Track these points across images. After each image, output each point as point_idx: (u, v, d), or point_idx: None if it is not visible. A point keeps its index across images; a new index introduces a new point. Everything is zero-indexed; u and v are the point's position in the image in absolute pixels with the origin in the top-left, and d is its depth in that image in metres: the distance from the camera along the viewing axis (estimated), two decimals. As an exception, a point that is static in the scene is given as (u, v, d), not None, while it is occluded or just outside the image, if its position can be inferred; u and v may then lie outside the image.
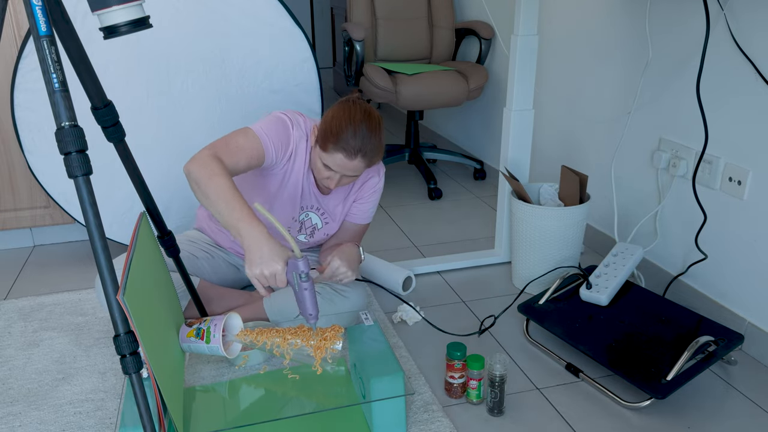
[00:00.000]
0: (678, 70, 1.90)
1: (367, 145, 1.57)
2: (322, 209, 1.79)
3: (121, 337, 1.07)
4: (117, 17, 1.08)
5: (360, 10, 3.07)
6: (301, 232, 1.81)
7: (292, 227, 1.80)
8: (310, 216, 1.78)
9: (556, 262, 1.98)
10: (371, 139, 1.57)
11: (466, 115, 3.40)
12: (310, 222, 1.79)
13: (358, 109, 1.58)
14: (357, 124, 1.55)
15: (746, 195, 1.71)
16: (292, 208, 1.76)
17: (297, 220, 1.78)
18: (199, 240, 1.91)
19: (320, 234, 1.83)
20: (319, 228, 1.81)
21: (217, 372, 1.65)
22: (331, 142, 1.56)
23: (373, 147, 1.58)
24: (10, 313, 1.98)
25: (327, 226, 1.82)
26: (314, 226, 1.80)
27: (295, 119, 1.69)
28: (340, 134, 1.55)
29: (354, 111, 1.58)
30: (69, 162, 1.03)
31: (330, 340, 1.46)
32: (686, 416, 1.51)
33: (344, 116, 1.56)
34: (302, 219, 1.78)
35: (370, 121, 1.58)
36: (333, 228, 1.83)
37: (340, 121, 1.56)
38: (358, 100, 1.62)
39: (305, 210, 1.78)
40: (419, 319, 1.89)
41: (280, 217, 1.77)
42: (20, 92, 2.05)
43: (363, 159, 1.58)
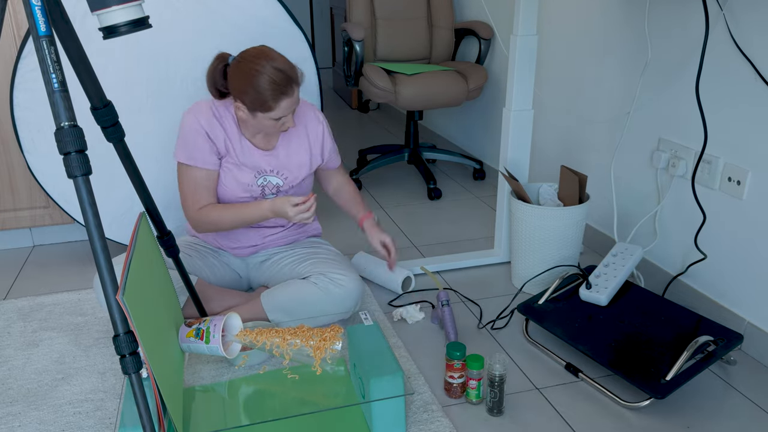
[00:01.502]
0: (677, 71, 1.90)
1: (288, 71, 1.62)
2: (274, 167, 1.81)
3: (120, 337, 1.07)
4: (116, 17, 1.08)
5: (359, 10, 3.07)
6: (267, 194, 1.84)
7: (255, 194, 1.82)
8: (268, 179, 1.81)
9: (555, 262, 1.98)
10: (286, 67, 1.62)
11: (465, 115, 3.40)
12: (271, 184, 1.82)
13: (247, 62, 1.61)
14: (265, 69, 1.59)
15: (745, 195, 1.71)
16: (246, 180, 1.79)
17: (257, 185, 1.81)
18: (194, 243, 1.91)
19: (286, 189, 1.85)
20: (282, 185, 1.83)
21: (217, 372, 1.65)
22: (271, 102, 1.61)
23: (291, 67, 1.63)
24: (9, 313, 1.98)
25: (287, 180, 1.84)
26: (276, 186, 1.83)
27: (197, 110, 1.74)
28: (267, 86, 1.59)
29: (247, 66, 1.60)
30: (68, 162, 1.03)
31: (330, 340, 1.46)
32: (686, 416, 1.51)
33: (251, 75, 1.60)
34: (261, 183, 1.81)
35: (265, 55, 1.61)
36: (296, 178, 1.85)
37: (255, 80, 1.60)
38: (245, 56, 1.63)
39: (261, 175, 1.80)
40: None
41: (239, 191, 1.80)
42: (20, 92, 2.05)
43: (297, 86, 1.65)
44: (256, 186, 1.80)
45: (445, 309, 1.81)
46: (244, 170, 1.78)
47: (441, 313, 1.82)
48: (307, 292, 1.75)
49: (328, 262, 1.81)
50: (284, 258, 1.90)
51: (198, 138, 1.73)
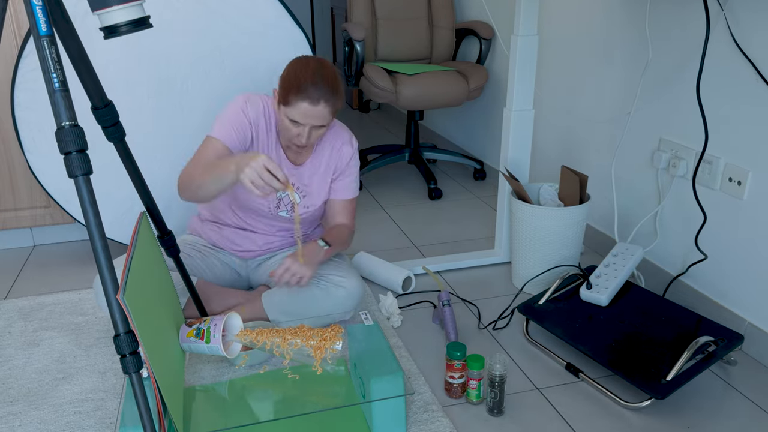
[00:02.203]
0: (678, 71, 1.90)
1: (327, 88, 1.60)
2: (297, 183, 1.80)
3: (121, 337, 1.07)
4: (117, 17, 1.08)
5: (360, 10, 3.07)
6: (281, 208, 1.83)
7: (271, 202, 1.81)
8: (287, 192, 1.79)
9: (556, 262, 1.98)
10: (329, 83, 1.60)
11: (466, 115, 3.40)
12: (288, 198, 1.81)
13: (311, 60, 1.63)
14: (313, 71, 1.59)
15: (746, 195, 1.71)
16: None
17: (275, 200, 1.81)
18: (194, 242, 1.91)
19: (301, 208, 1.84)
20: (298, 202, 1.82)
21: (217, 372, 1.65)
22: (292, 94, 1.59)
23: (332, 90, 1.61)
24: (10, 312, 1.98)
25: (305, 198, 1.83)
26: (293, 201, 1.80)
27: (252, 100, 1.73)
28: (300, 83, 1.59)
29: (307, 62, 1.62)
30: (69, 162, 1.03)
31: (330, 340, 1.46)
32: (686, 416, 1.51)
33: (300, 68, 1.61)
34: (280, 195, 1.80)
35: (324, 68, 1.62)
36: (313, 200, 1.84)
37: (297, 72, 1.60)
38: (309, 56, 1.66)
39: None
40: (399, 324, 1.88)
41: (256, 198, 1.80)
42: (20, 92, 2.06)
43: (326, 104, 1.60)
44: (274, 195, 1.80)
45: (445, 309, 1.81)
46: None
47: (441, 313, 1.82)
48: (307, 293, 1.75)
49: (329, 264, 1.81)
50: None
51: (238, 117, 1.70)
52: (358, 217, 2.71)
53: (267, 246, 1.91)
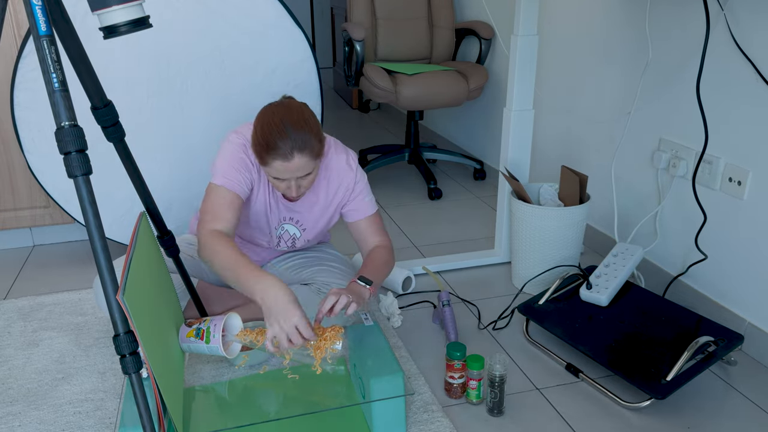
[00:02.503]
0: (678, 71, 1.90)
1: (297, 139, 1.47)
2: (296, 218, 1.76)
3: (120, 337, 1.07)
4: (117, 17, 1.07)
5: (360, 10, 3.07)
6: (280, 245, 1.81)
7: (271, 241, 1.79)
8: (286, 228, 1.76)
9: (556, 262, 1.98)
10: (298, 130, 1.48)
11: (466, 115, 3.40)
12: (288, 233, 1.77)
13: (274, 109, 1.52)
14: (277, 124, 1.48)
15: (746, 195, 1.71)
16: (267, 225, 1.75)
17: (274, 236, 1.78)
18: (194, 242, 1.91)
19: (301, 242, 1.81)
20: (298, 237, 1.79)
21: (217, 372, 1.65)
22: (264, 154, 1.49)
23: (304, 138, 1.48)
24: (9, 312, 1.98)
25: (306, 232, 1.79)
26: (293, 236, 1.78)
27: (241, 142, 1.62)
28: (268, 141, 1.48)
29: (270, 113, 1.51)
30: (69, 162, 1.03)
31: (330, 340, 1.46)
32: (686, 416, 1.51)
33: (263, 123, 1.50)
34: (279, 234, 1.77)
35: (289, 114, 1.50)
36: (312, 233, 1.79)
37: (262, 129, 1.49)
38: (275, 102, 1.56)
39: (280, 223, 1.75)
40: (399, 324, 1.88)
41: (257, 236, 1.78)
42: (20, 92, 2.05)
43: (301, 154, 1.48)
44: (274, 234, 1.77)
45: (445, 309, 1.81)
46: (266, 213, 1.73)
47: (442, 313, 1.82)
48: (308, 299, 1.74)
49: (332, 272, 1.80)
50: (288, 260, 1.90)
51: (238, 161, 1.61)
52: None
53: (270, 256, 1.91)
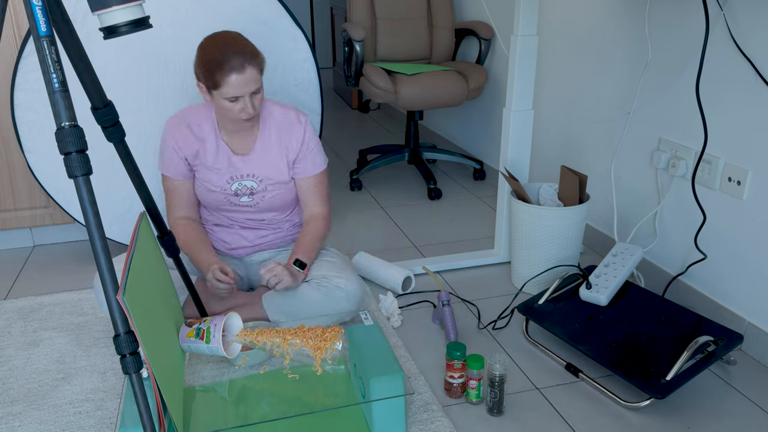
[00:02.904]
0: (677, 71, 1.90)
1: (244, 51, 1.60)
2: (249, 171, 1.80)
3: (121, 337, 1.07)
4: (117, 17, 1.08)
5: (360, 10, 3.07)
6: (242, 197, 1.83)
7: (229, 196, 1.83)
8: (243, 183, 1.81)
9: (555, 262, 1.98)
10: (242, 45, 1.61)
11: (465, 115, 3.40)
12: (245, 187, 1.82)
13: (215, 36, 1.64)
14: (223, 43, 1.60)
15: (746, 195, 1.72)
16: (218, 183, 1.81)
17: (230, 189, 1.82)
18: None
19: (261, 193, 1.83)
20: (256, 188, 1.82)
21: (217, 372, 1.65)
22: (217, 73, 1.60)
23: (249, 51, 1.61)
24: (9, 313, 1.98)
25: (262, 182, 1.82)
26: (250, 188, 1.82)
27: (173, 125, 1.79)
28: (219, 60, 1.59)
29: (213, 39, 1.63)
30: (69, 162, 1.03)
31: (330, 340, 1.46)
32: (686, 416, 1.51)
33: (209, 47, 1.61)
34: (235, 189, 1.81)
35: (229, 35, 1.63)
36: (271, 181, 1.82)
37: (210, 52, 1.61)
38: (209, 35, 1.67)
39: (235, 180, 1.80)
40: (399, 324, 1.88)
41: (216, 198, 1.83)
42: (20, 92, 2.06)
43: (251, 65, 1.61)
44: (229, 189, 1.81)
45: (445, 309, 1.81)
46: (216, 173, 1.80)
47: (441, 313, 1.82)
48: (308, 295, 1.75)
49: (330, 265, 1.81)
50: (286, 259, 1.90)
51: (168, 150, 1.80)
52: (356, 216, 2.71)
53: (260, 240, 1.91)
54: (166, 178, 1.84)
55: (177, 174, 1.82)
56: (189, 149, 1.79)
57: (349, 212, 2.77)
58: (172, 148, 1.79)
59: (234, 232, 1.89)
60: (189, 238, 1.82)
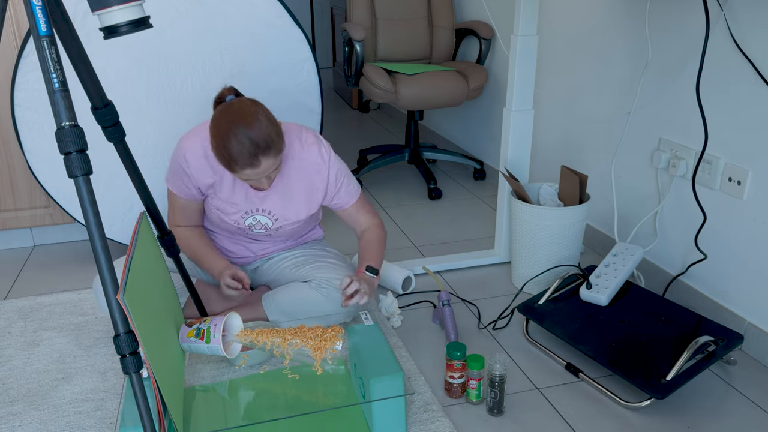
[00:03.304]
0: (678, 71, 1.90)
1: (259, 144, 1.49)
2: (267, 209, 1.75)
3: (121, 337, 1.07)
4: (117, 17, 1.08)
5: (360, 10, 3.07)
6: (256, 232, 1.80)
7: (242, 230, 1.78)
8: (258, 219, 1.75)
9: (556, 262, 1.98)
10: (257, 134, 1.49)
11: (466, 115, 3.40)
12: (260, 223, 1.77)
13: (225, 117, 1.51)
14: (234, 134, 1.48)
15: (746, 195, 1.71)
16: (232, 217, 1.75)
17: (245, 224, 1.76)
18: None
19: (275, 229, 1.79)
20: (271, 226, 1.77)
21: (217, 372, 1.65)
22: (232, 165, 1.52)
23: (265, 139, 1.50)
24: (9, 313, 1.98)
25: (278, 221, 1.77)
26: (265, 225, 1.77)
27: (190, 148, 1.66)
28: (231, 155, 1.50)
29: (223, 123, 1.50)
30: (69, 162, 1.03)
31: (330, 340, 1.46)
32: (686, 416, 1.51)
33: (220, 136, 1.50)
34: (249, 223, 1.76)
35: (242, 119, 1.50)
36: (288, 221, 1.77)
37: (222, 143, 1.50)
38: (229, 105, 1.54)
39: (250, 214, 1.74)
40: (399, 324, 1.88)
41: (227, 226, 1.78)
42: (21, 92, 2.06)
43: (266, 156, 1.51)
44: (243, 223, 1.76)
45: (445, 309, 1.81)
46: (231, 207, 1.73)
47: (441, 313, 1.82)
48: (308, 296, 1.74)
49: (331, 267, 1.80)
50: (286, 259, 1.90)
51: (179, 172, 1.69)
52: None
53: (263, 252, 1.90)
54: (173, 194, 1.75)
55: (186, 196, 1.73)
56: (204, 181, 1.69)
57: (349, 212, 2.77)
58: (186, 174, 1.68)
59: (238, 242, 1.88)
60: (193, 244, 1.78)
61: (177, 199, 1.75)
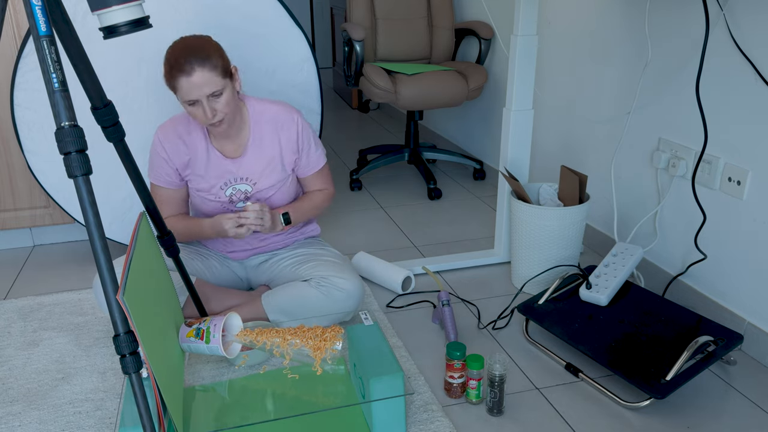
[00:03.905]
0: (677, 71, 1.90)
1: (194, 54, 1.56)
2: (242, 174, 1.79)
3: (120, 337, 1.07)
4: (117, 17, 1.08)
5: (360, 10, 3.07)
6: (236, 202, 1.83)
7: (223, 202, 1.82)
8: (237, 187, 1.80)
9: (555, 262, 1.98)
10: (194, 47, 1.57)
11: (465, 115, 3.40)
12: (240, 191, 1.81)
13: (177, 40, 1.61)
14: (176, 47, 1.58)
15: (746, 195, 1.72)
16: (211, 190, 1.80)
17: (224, 195, 1.81)
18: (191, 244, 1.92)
19: (258, 195, 1.82)
20: (250, 191, 1.81)
21: (217, 372, 1.65)
22: (169, 76, 1.59)
23: (201, 54, 1.56)
24: (9, 312, 1.98)
25: (256, 185, 1.81)
26: (245, 192, 1.81)
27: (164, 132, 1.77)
28: (170, 63, 1.57)
29: (174, 43, 1.61)
30: (69, 162, 1.03)
31: (330, 340, 1.46)
32: (686, 416, 1.51)
33: (167, 51, 1.60)
34: (230, 194, 1.81)
35: (188, 38, 1.60)
36: (266, 183, 1.81)
37: (166, 56, 1.60)
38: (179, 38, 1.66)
39: (229, 185, 1.80)
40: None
41: (212, 207, 1.82)
42: (20, 92, 2.06)
43: (202, 68, 1.56)
44: (223, 196, 1.80)
45: (445, 309, 1.81)
46: (208, 181, 1.79)
47: (441, 313, 1.82)
48: (308, 295, 1.75)
49: (330, 265, 1.81)
50: (285, 259, 1.90)
51: (157, 159, 1.79)
52: (357, 215, 2.71)
53: (261, 243, 1.91)
54: (156, 188, 1.83)
55: (168, 183, 1.81)
56: (180, 159, 1.78)
57: (349, 212, 2.77)
58: (163, 159, 1.78)
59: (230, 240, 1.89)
60: (182, 225, 1.83)
61: (160, 191, 1.83)
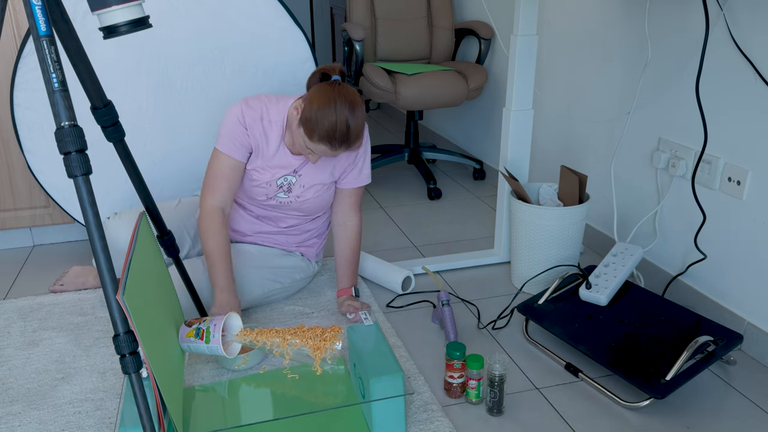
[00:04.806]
0: (677, 71, 1.90)
1: (351, 133, 1.59)
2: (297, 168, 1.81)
3: (120, 337, 1.07)
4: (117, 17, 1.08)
5: (360, 10, 3.07)
6: (279, 191, 1.84)
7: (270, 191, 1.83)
8: (288, 179, 1.82)
9: (555, 262, 1.98)
10: (355, 122, 1.58)
11: (465, 115, 3.40)
12: (286, 181, 1.82)
13: (343, 99, 1.57)
14: (337, 108, 1.55)
15: (745, 195, 1.72)
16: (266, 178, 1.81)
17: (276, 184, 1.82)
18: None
19: (297, 188, 1.84)
20: (294, 182, 1.83)
21: (217, 372, 1.65)
22: (315, 133, 1.58)
23: (358, 132, 1.60)
24: (9, 312, 1.98)
25: (300, 178, 1.82)
26: (290, 183, 1.82)
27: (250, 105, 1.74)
28: (324, 127, 1.56)
29: (337, 101, 1.56)
30: (69, 162, 1.03)
31: (329, 340, 1.46)
32: (686, 416, 1.51)
33: (328, 107, 1.55)
34: (280, 183, 1.82)
35: (352, 111, 1.57)
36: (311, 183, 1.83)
37: (325, 112, 1.55)
38: (339, 86, 1.60)
39: (283, 175, 1.82)
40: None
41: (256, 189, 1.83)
42: (20, 92, 2.06)
43: (348, 147, 1.62)
44: (275, 183, 1.81)
45: (445, 309, 1.81)
46: (269, 171, 1.80)
47: (441, 313, 1.82)
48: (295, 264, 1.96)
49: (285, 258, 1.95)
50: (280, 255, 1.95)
51: (237, 127, 1.73)
52: (357, 217, 2.72)
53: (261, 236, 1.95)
54: (220, 157, 1.75)
55: (235, 153, 1.74)
56: (254, 138, 1.75)
57: (349, 212, 2.77)
58: (242, 125, 1.73)
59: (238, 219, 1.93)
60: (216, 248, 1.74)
61: (224, 163, 1.75)
